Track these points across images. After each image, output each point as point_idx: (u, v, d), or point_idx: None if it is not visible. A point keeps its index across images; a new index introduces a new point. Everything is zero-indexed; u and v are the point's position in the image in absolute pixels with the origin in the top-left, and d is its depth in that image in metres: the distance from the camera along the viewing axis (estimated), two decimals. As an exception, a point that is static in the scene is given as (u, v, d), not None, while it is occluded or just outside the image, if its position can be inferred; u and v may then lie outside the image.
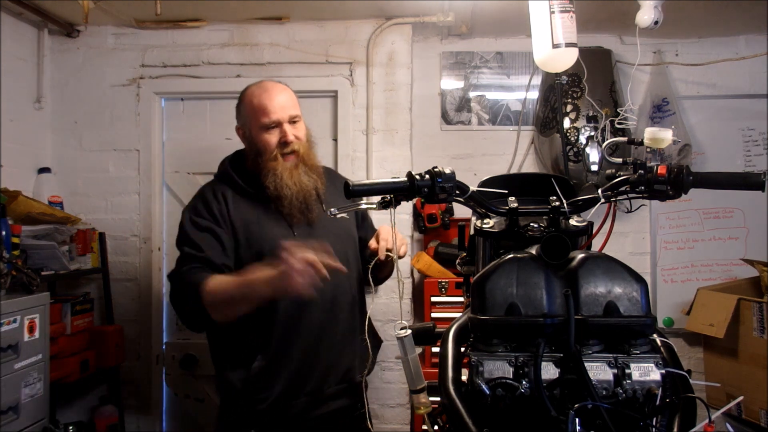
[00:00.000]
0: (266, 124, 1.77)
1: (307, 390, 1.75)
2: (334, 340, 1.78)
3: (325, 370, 1.77)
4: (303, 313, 1.73)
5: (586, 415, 0.94)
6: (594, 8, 2.70)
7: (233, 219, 1.75)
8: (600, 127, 2.87)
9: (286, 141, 1.77)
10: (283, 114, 1.78)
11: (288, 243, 1.51)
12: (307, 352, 1.74)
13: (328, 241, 1.70)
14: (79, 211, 2.97)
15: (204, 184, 1.91)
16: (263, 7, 2.84)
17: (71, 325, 2.62)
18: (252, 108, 1.81)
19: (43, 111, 3.00)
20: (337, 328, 1.78)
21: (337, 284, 1.73)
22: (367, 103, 2.98)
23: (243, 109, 1.85)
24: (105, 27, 3.03)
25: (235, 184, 1.81)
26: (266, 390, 1.71)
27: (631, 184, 1.26)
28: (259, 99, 1.80)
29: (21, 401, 2.09)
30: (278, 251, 1.59)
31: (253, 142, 1.82)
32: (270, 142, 1.78)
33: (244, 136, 1.87)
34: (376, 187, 1.18)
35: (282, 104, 1.79)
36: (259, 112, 1.78)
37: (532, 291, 1.03)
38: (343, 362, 1.80)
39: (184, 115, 3.06)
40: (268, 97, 1.79)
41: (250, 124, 1.81)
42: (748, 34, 3.10)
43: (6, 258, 2.14)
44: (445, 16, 2.88)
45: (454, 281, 2.81)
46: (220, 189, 1.81)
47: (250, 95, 1.83)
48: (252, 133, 1.81)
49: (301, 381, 1.75)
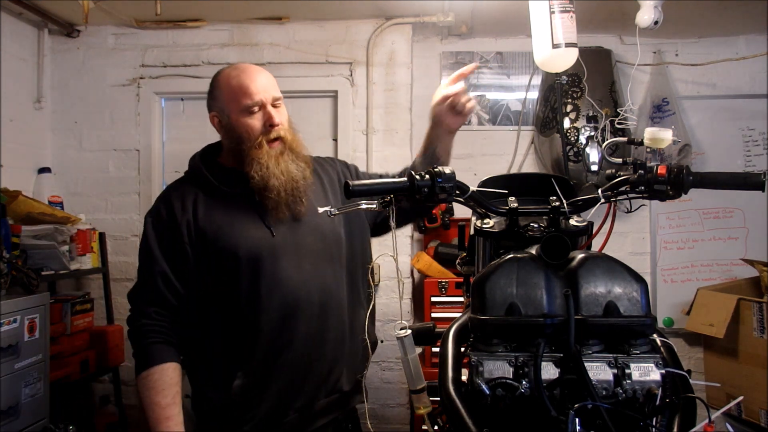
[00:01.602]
0: (249, 105, 1.56)
1: (297, 405, 1.57)
2: (325, 348, 1.60)
3: (317, 383, 1.59)
4: (290, 322, 1.56)
5: (586, 415, 0.94)
6: (594, 8, 2.70)
7: (202, 226, 1.56)
8: (600, 127, 2.87)
9: (272, 124, 1.58)
10: (266, 95, 1.58)
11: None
12: (297, 363, 1.56)
13: (311, 241, 1.59)
14: (79, 211, 2.96)
15: (170, 183, 1.71)
16: (263, 7, 2.84)
17: (71, 325, 2.62)
18: (231, 90, 1.58)
19: (43, 111, 3.00)
20: (327, 336, 1.60)
21: (325, 288, 1.59)
22: (367, 103, 2.98)
23: (219, 93, 1.62)
24: (105, 27, 3.03)
25: (207, 183, 1.61)
26: (250, 410, 1.54)
27: (631, 184, 1.26)
28: (238, 80, 1.58)
29: (21, 401, 2.09)
30: (255, 255, 1.51)
31: (233, 128, 1.59)
32: (253, 126, 1.57)
33: (220, 125, 1.63)
34: (376, 187, 1.17)
35: (264, 85, 1.59)
36: (239, 94, 1.57)
37: (532, 291, 1.03)
38: (335, 372, 1.62)
39: (184, 115, 3.06)
40: (248, 77, 1.58)
41: (230, 108, 1.59)
42: (748, 34, 3.10)
43: (6, 258, 2.14)
44: (445, 16, 2.89)
45: (454, 281, 2.81)
46: (189, 193, 1.61)
47: (227, 77, 1.61)
48: (231, 119, 1.59)
49: (292, 396, 1.57)
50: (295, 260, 1.57)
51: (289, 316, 1.55)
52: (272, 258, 1.55)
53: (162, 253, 1.57)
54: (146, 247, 1.59)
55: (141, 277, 1.60)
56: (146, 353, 1.54)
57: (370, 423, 1.51)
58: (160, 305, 1.55)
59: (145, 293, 1.57)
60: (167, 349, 1.55)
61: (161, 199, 1.64)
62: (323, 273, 1.61)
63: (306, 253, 1.60)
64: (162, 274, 1.55)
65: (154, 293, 1.55)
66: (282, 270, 1.55)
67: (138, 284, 1.60)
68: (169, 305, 1.56)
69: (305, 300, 1.56)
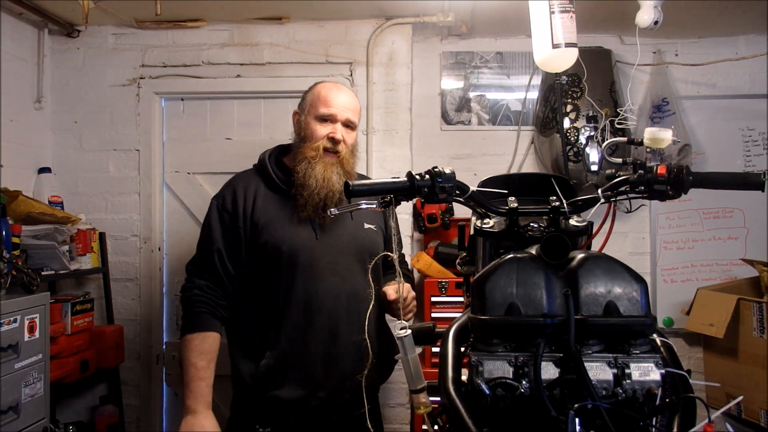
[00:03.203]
0: (323, 114, 1.80)
1: (320, 395, 1.73)
2: (350, 348, 1.74)
3: (341, 378, 1.74)
4: (313, 317, 1.72)
5: (586, 415, 0.94)
6: (594, 8, 2.70)
7: (257, 217, 1.76)
8: (600, 127, 2.87)
9: (334, 138, 1.79)
10: (342, 113, 1.81)
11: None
12: (319, 357, 1.72)
13: (351, 249, 1.75)
14: (79, 211, 2.96)
15: (239, 172, 1.92)
16: (263, 7, 2.84)
17: (71, 325, 2.62)
18: (316, 96, 1.84)
19: (43, 111, 3.00)
20: (352, 337, 1.74)
21: (354, 293, 1.75)
22: (367, 103, 2.98)
23: (308, 95, 1.88)
24: (105, 27, 3.03)
25: (269, 178, 1.83)
26: (274, 389, 1.71)
27: (631, 184, 1.26)
28: (326, 92, 1.83)
29: (21, 401, 2.08)
30: (296, 253, 1.67)
31: (303, 127, 1.84)
32: (319, 132, 1.79)
33: (297, 122, 1.89)
34: (376, 187, 1.18)
35: (345, 104, 1.82)
36: (320, 102, 1.81)
37: (532, 291, 1.03)
38: (360, 370, 1.64)
39: (184, 115, 3.06)
40: (336, 94, 1.83)
41: (308, 110, 1.84)
42: (748, 34, 3.10)
43: (6, 258, 2.14)
44: (445, 16, 2.89)
45: (454, 281, 2.81)
46: (252, 182, 1.83)
47: (321, 86, 1.87)
48: (306, 120, 1.84)
49: (314, 386, 1.73)
50: (332, 264, 1.75)
51: (315, 313, 1.72)
52: (311, 258, 1.73)
53: (221, 234, 1.77)
54: (208, 226, 1.80)
55: (199, 252, 1.81)
56: (194, 319, 1.74)
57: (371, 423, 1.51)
58: (212, 280, 1.75)
59: (201, 267, 1.78)
60: (212, 320, 1.75)
61: (228, 186, 1.85)
62: (355, 280, 1.76)
63: (343, 259, 1.78)
64: (218, 252, 1.76)
65: (208, 269, 1.76)
66: (318, 271, 1.73)
67: (196, 258, 1.81)
68: (220, 281, 1.76)
69: (333, 301, 1.72)
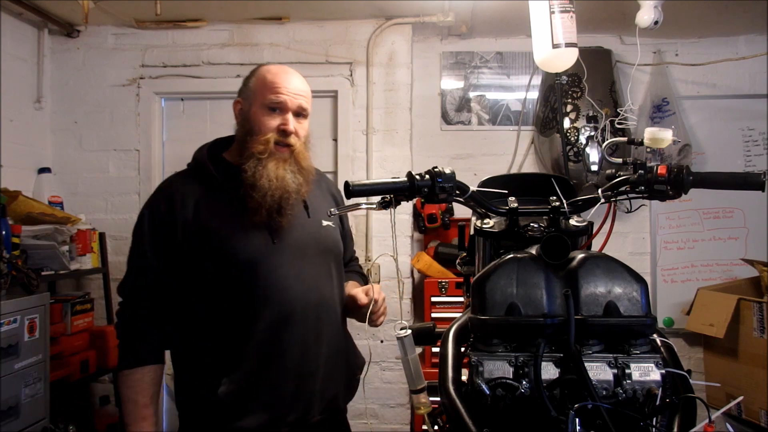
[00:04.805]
0: (271, 102, 1.52)
1: (290, 420, 1.50)
2: (320, 362, 1.54)
3: (310, 398, 1.53)
4: (283, 332, 1.49)
5: (586, 415, 0.94)
6: (594, 8, 2.70)
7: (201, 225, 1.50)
8: (600, 127, 2.87)
9: (286, 130, 1.53)
10: (293, 99, 1.53)
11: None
12: (288, 376, 1.50)
13: (314, 251, 1.56)
14: (79, 211, 2.96)
15: (172, 175, 1.63)
16: (263, 7, 2.84)
17: (71, 325, 2.62)
18: (262, 82, 1.55)
19: (43, 111, 3.00)
20: (321, 349, 1.54)
21: (322, 300, 1.55)
22: (367, 103, 2.98)
23: (251, 81, 1.59)
24: (105, 27, 3.03)
25: (210, 178, 1.55)
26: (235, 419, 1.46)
27: (631, 184, 1.26)
28: (273, 76, 1.55)
29: (21, 401, 2.08)
30: (254, 262, 1.45)
31: (249, 119, 1.55)
32: (268, 124, 1.52)
33: (240, 112, 1.60)
34: (376, 187, 1.17)
35: (296, 90, 1.55)
36: (267, 88, 1.53)
37: (532, 291, 1.02)
38: (330, 387, 1.56)
39: (184, 115, 3.06)
40: (285, 78, 1.55)
41: (253, 98, 1.55)
42: (748, 34, 3.10)
43: (6, 258, 2.14)
44: (445, 16, 2.89)
45: (454, 281, 2.81)
46: (189, 185, 1.55)
47: (265, 71, 1.58)
48: (251, 110, 1.55)
49: (284, 409, 1.50)
50: (293, 270, 1.52)
51: (282, 327, 1.49)
52: (271, 266, 1.49)
53: (154, 249, 1.51)
54: (139, 241, 1.54)
55: (132, 270, 1.55)
56: (132, 351, 1.50)
57: (371, 423, 1.49)
58: (150, 302, 1.51)
59: (136, 288, 1.53)
60: (152, 350, 1.52)
61: (161, 192, 1.58)
62: (321, 284, 1.56)
63: (307, 263, 1.55)
64: (154, 270, 1.51)
65: (145, 289, 1.51)
66: (279, 279, 1.49)
67: (127, 278, 1.55)
68: (159, 303, 1.51)
69: (301, 311, 1.50)
